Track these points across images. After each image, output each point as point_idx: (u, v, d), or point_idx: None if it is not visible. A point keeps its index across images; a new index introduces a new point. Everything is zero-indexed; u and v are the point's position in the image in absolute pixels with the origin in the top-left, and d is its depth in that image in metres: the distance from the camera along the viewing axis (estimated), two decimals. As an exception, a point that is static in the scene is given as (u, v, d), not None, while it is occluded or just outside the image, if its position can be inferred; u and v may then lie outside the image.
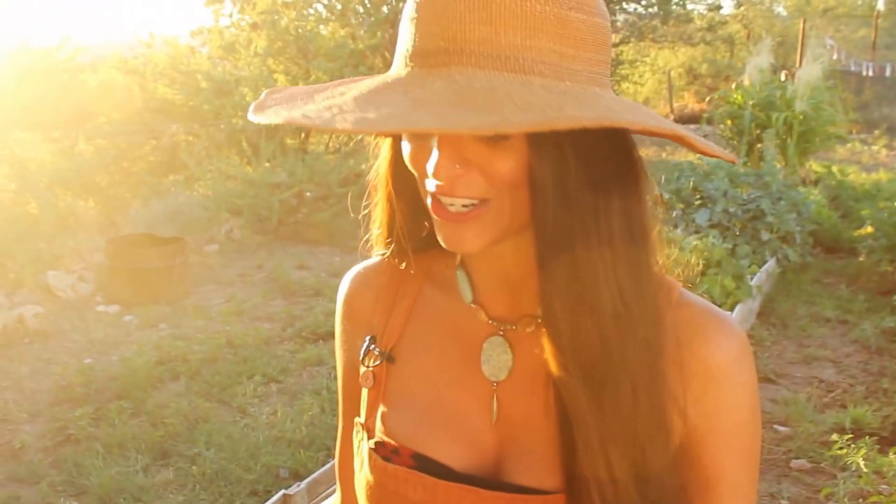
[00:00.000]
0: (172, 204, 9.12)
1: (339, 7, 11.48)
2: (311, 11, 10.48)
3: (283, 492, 3.22)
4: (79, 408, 4.36)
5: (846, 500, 2.48)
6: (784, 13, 27.96)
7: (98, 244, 6.96)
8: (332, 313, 4.98)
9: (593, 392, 0.80)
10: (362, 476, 0.93)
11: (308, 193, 8.87)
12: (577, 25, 0.74)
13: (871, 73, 18.99)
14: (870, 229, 7.27)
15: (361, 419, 0.95)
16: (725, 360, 0.85)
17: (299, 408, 4.46)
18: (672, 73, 20.49)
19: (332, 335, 5.91)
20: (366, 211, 0.96)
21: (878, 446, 3.57)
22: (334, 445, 1.10)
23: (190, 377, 4.87)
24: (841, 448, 2.48)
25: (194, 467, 3.83)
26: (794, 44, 18.53)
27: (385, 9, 12.60)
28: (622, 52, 14.98)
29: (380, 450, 0.90)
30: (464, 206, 0.78)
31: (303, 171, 8.38)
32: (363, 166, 10.19)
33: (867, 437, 3.50)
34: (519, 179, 0.76)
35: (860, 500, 2.64)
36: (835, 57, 18.03)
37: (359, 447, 0.95)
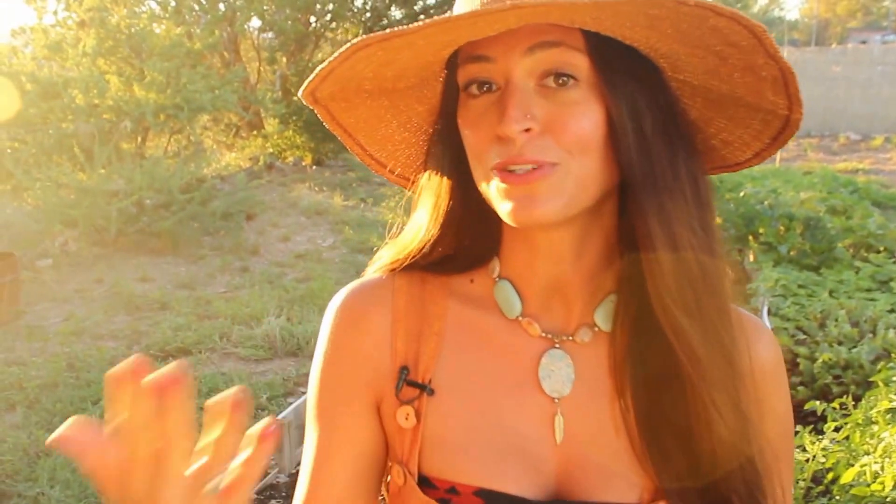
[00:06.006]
0: (-2, 216, 8.51)
1: (173, 4, 11.03)
2: (144, 9, 10.01)
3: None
4: None
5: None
6: None
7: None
8: (181, 328, 4.74)
9: (701, 339, 0.78)
10: None
11: (148, 201, 8.48)
12: None
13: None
14: (718, 220, 7.68)
15: (399, 461, 0.85)
16: (774, 358, 0.88)
17: (151, 433, 4.24)
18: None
19: (182, 351, 5.59)
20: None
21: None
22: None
23: (28, 406, 4.54)
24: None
25: (38, 507, 3.58)
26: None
27: (222, 6, 12.22)
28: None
29: (430, 492, 0.81)
30: (532, 168, 0.74)
31: (141, 177, 8.00)
32: (205, 170, 9.87)
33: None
34: (591, 140, 0.74)
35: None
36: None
37: (398, 494, 0.85)
